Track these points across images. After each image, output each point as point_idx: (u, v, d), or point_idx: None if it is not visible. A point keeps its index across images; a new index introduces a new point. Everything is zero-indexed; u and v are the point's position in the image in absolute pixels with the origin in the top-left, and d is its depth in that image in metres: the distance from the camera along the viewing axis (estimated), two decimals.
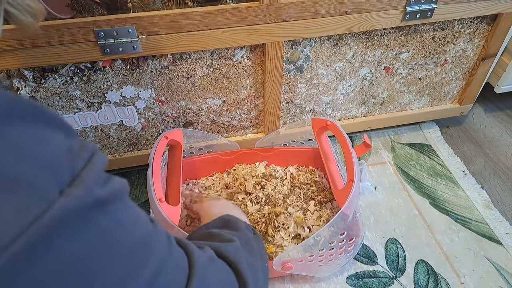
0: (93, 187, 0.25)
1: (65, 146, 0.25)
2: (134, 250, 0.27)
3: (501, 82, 1.07)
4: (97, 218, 0.25)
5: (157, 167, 0.69)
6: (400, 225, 0.88)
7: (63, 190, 0.23)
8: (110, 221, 0.26)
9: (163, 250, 0.31)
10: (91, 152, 0.27)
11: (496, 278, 0.79)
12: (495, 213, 0.91)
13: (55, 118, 0.27)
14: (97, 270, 0.24)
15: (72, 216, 0.23)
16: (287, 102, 0.94)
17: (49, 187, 0.23)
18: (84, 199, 0.24)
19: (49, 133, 0.25)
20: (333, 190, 0.75)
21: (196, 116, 0.90)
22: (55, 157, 0.24)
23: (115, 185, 0.27)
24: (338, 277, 0.79)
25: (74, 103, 0.80)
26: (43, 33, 0.66)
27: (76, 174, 0.25)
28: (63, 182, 0.24)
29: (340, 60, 0.89)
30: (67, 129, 0.27)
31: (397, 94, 1.02)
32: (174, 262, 0.31)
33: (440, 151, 1.07)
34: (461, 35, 0.92)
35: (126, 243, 0.27)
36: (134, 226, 0.28)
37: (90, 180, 0.25)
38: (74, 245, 0.23)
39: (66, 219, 0.23)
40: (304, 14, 0.75)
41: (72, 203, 0.23)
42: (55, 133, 0.26)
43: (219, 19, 0.71)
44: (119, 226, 0.26)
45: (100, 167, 0.27)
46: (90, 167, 0.26)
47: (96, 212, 0.25)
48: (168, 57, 0.77)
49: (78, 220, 0.23)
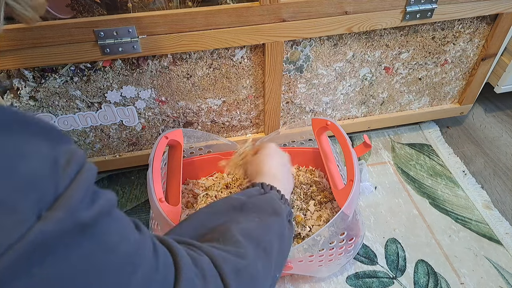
0: (77, 209, 0.23)
1: (49, 160, 0.23)
2: (119, 269, 0.26)
3: (501, 82, 1.07)
4: (80, 242, 0.23)
5: (157, 167, 0.69)
6: (400, 225, 0.88)
7: (43, 213, 0.22)
8: (94, 244, 0.24)
9: (149, 264, 0.29)
10: (79, 166, 0.25)
11: (496, 278, 0.79)
12: (495, 213, 0.91)
13: (40, 125, 0.25)
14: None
15: (53, 241, 0.22)
16: (287, 102, 0.94)
17: (28, 209, 0.21)
18: (67, 223, 0.22)
19: (32, 145, 0.23)
20: (333, 190, 0.75)
21: (196, 116, 0.90)
22: (37, 174, 0.22)
23: (102, 203, 0.26)
24: (338, 277, 0.79)
25: (74, 103, 0.80)
26: (43, 33, 0.66)
27: (59, 194, 0.23)
28: (44, 204, 0.22)
29: (340, 60, 0.89)
30: (55, 136, 0.25)
31: (397, 94, 1.02)
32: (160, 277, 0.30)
33: (440, 151, 1.07)
34: (461, 35, 0.92)
35: (111, 263, 0.26)
36: (120, 243, 0.27)
37: (74, 201, 0.23)
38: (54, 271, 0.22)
39: (45, 244, 0.21)
40: (304, 14, 0.75)
41: (53, 227, 0.22)
42: (39, 144, 0.24)
43: (219, 19, 0.71)
44: (103, 248, 0.25)
45: (88, 183, 0.25)
46: (76, 185, 0.24)
47: (79, 236, 0.23)
48: (168, 57, 0.77)
49: (59, 245, 0.22)
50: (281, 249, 0.46)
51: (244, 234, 0.43)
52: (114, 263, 0.26)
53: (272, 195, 0.52)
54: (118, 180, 0.99)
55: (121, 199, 0.94)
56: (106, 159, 0.93)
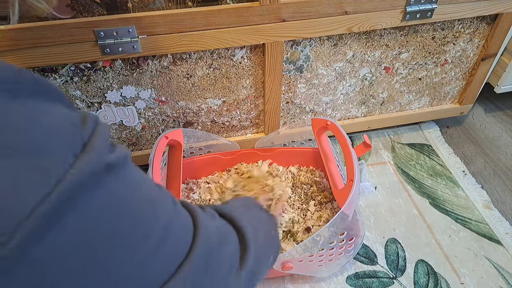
0: (103, 153, 0.26)
1: (69, 118, 0.26)
2: (145, 209, 0.29)
3: (501, 82, 1.07)
4: (109, 181, 0.26)
5: (157, 167, 0.69)
6: (400, 225, 0.88)
7: (78, 154, 0.24)
8: (120, 183, 0.27)
9: (170, 209, 0.32)
10: (95, 122, 0.28)
11: (496, 278, 0.79)
12: (495, 213, 0.91)
13: (57, 92, 0.28)
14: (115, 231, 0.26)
15: (88, 179, 0.24)
16: (287, 102, 0.94)
17: (65, 152, 0.24)
18: (97, 164, 0.25)
19: (54, 106, 0.26)
20: (333, 190, 0.75)
21: (196, 116, 0.90)
22: (62, 125, 0.25)
23: (121, 151, 0.29)
24: (338, 277, 0.79)
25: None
26: (43, 33, 0.66)
27: (86, 141, 0.26)
28: (76, 148, 0.25)
29: (340, 60, 0.89)
30: (68, 103, 0.28)
31: (397, 94, 1.02)
32: (180, 222, 0.33)
33: (440, 151, 1.07)
34: (461, 35, 0.92)
35: (137, 202, 0.28)
36: (142, 187, 0.30)
37: (99, 146, 0.26)
38: (95, 204, 0.25)
39: (84, 182, 0.24)
40: (304, 14, 0.75)
41: (88, 167, 0.24)
42: (59, 106, 0.27)
43: (219, 19, 0.71)
44: (129, 187, 0.28)
45: (106, 136, 0.28)
46: (98, 134, 0.27)
47: (108, 176, 0.26)
48: (168, 57, 0.77)
49: (93, 183, 0.25)
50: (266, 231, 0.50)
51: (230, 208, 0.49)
52: (141, 203, 0.29)
53: None
54: None
55: None
56: None
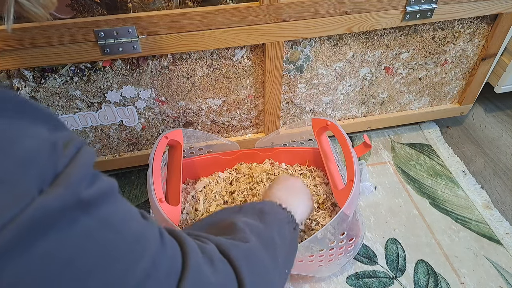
0: (77, 186, 0.24)
1: (48, 142, 0.24)
2: (124, 251, 0.26)
3: (501, 82, 1.07)
4: (82, 219, 0.23)
5: (157, 167, 0.69)
6: (400, 225, 0.88)
7: (44, 188, 0.22)
8: (97, 222, 0.24)
9: (155, 248, 0.29)
10: (77, 148, 0.25)
11: (496, 278, 0.79)
12: (495, 213, 0.91)
13: (41, 112, 0.25)
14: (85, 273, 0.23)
15: (54, 216, 0.22)
16: (287, 102, 0.94)
17: (29, 184, 0.22)
18: (67, 199, 0.23)
19: (33, 128, 0.24)
20: (333, 190, 0.75)
21: (196, 116, 0.90)
22: (36, 153, 0.23)
23: (102, 184, 0.26)
24: (338, 277, 0.79)
25: (74, 103, 0.80)
26: (43, 33, 0.66)
27: (59, 172, 0.23)
28: (44, 180, 0.22)
29: (340, 60, 0.89)
30: (55, 122, 0.26)
31: (397, 94, 1.02)
32: (166, 263, 0.30)
33: (440, 151, 1.07)
34: (461, 35, 0.92)
35: (115, 244, 0.26)
36: (124, 226, 0.27)
37: (74, 178, 0.23)
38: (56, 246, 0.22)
39: (46, 219, 0.21)
40: (304, 14, 0.75)
41: (54, 202, 0.22)
42: (40, 128, 0.24)
43: (219, 19, 0.71)
44: (107, 227, 0.25)
45: (87, 164, 0.25)
46: (75, 165, 0.24)
47: (82, 213, 0.23)
48: (168, 57, 0.77)
49: (60, 221, 0.22)
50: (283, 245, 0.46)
51: (245, 223, 0.44)
52: (119, 244, 0.26)
53: (271, 203, 0.53)
54: (118, 180, 0.99)
55: None
56: (106, 159, 0.93)
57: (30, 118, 0.24)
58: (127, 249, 0.26)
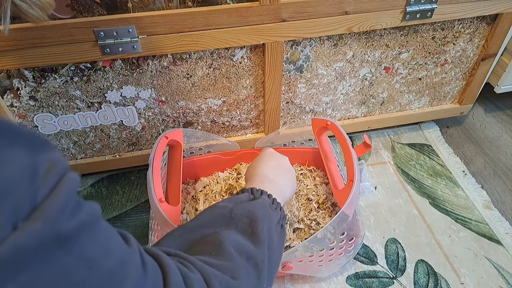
0: (56, 220, 0.22)
1: (27, 169, 0.22)
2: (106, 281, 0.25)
3: (501, 82, 1.07)
4: (59, 256, 0.22)
5: (157, 167, 0.69)
6: (400, 225, 0.88)
7: (19, 223, 0.20)
8: (75, 259, 0.23)
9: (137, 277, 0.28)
10: (60, 175, 0.24)
11: (496, 278, 0.79)
12: (495, 213, 0.91)
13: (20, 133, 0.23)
14: None
15: (28, 254, 0.20)
16: (287, 102, 0.94)
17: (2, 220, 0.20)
18: (44, 235, 0.21)
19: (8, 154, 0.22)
20: (333, 190, 0.75)
21: (196, 116, 0.90)
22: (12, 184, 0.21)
23: (84, 215, 0.24)
24: (338, 277, 0.79)
25: (74, 103, 0.80)
26: (43, 33, 0.66)
27: (37, 204, 0.21)
28: (20, 214, 0.21)
29: (340, 60, 0.89)
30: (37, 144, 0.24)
31: (397, 94, 1.02)
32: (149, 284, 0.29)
33: (440, 151, 1.07)
34: (461, 35, 0.92)
35: (92, 280, 0.24)
36: (103, 259, 0.25)
37: (53, 211, 0.22)
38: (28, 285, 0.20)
39: (19, 258, 0.20)
40: (304, 14, 0.75)
41: (28, 240, 0.20)
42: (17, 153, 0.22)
43: (219, 19, 0.71)
44: (85, 263, 0.24)
45: (69, 193, 0.23)
46: (56, 195, 0.22)
47: (58, 250, 0.22)
48: (168, 57, 0.77)
49: (34, 259, 0.20)
50: (271, 259, 0.45)
51: (235, 246, 0.41)
52: (96, 280, 0.24)
53: (263, 201, 0.50)
54: (118, 180, 0.99)
55: (121, 199, 0.94)
56: (106, 159, 0.93)
57: (9, 140, 0.22)
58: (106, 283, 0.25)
